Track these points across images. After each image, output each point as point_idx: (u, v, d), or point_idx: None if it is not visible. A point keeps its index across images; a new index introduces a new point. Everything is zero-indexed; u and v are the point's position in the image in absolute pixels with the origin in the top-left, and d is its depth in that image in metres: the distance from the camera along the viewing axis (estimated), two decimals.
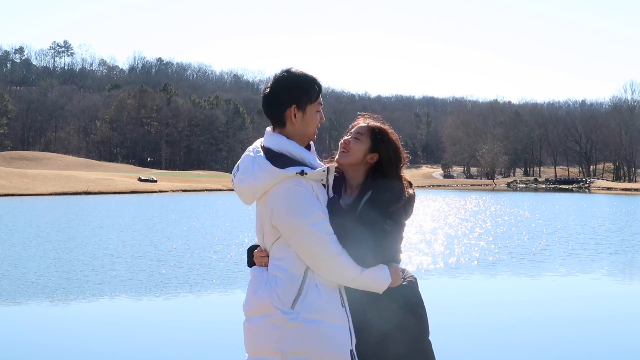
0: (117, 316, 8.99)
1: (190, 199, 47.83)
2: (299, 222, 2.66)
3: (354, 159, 2.95)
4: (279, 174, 2.68)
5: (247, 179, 2.76)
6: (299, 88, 2.82)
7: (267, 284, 2.75)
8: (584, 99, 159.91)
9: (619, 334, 7.97)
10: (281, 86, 2.82)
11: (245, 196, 2.82)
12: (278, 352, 2.67)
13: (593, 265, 14.10)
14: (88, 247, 16.53)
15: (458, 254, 15.53)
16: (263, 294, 2.74)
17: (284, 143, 2.78)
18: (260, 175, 2.71)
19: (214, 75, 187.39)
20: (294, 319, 2.66)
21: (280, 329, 2.67)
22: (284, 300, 2.68)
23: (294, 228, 2.67)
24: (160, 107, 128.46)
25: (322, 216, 2.70)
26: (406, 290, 2.86)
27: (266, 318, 2.72)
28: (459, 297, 10.44)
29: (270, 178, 2.69)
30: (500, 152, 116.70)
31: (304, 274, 2.71)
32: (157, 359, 6.84)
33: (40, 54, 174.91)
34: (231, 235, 19.72)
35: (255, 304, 2.77)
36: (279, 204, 2.69)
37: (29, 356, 6.79)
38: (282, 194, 2.68)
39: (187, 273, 12.35)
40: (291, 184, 2.68)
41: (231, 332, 8.02)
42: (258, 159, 2.75)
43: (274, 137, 2.83)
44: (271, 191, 2.71)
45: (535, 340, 7.43)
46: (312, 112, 2.85)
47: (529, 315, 9.02)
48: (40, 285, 11.11)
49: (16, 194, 49.76)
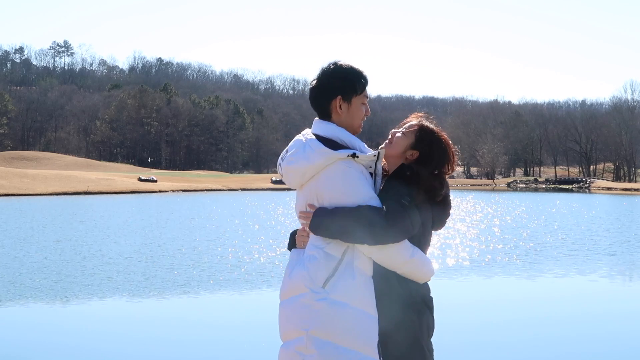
0: (116, 316, 9.00)
1: (190, 199, 47.84)
2: (352, 201, 2.69)
3: (395, 151, 2.97)
4: (331, 154, 2.71)
5: (298, 161, 2.78)
6: (345, 79, 2.86)
7: (301, 263, 2.76)
8: (584, 99, 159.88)
9: (617, 334, 7.99)
10: (327, 78, 2.87)
11: (294, 177, 2.83)
12: (303, 332, 2.67)
13: (591, 265, 14.11)
14: (88, 247, 16.54)
15: (457, 254, 15.54)
16: (297, 274, 2.76)
17: (334, 129, 2.83)
18: (312, 156, 2.74)
19: (214, 75, 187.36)
20: (322, 299, 2.65)
21: (308, 309, 2.67)
22: (316, 280, 2.68)
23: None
24: (160, 107, 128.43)
25: (374, 197, 2.74)
26: (412, 289, 2.84)
27: (298, 299, 2.72)
28: (457, 297, 10.46)
29: (323, 159, 2.72)
30: (500, 152, 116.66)
31: (342, 256, 2.72)
32: (157, 358, 6.85)
33: (40, 54, 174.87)
34: (235, 235, 19.74)
35: (289, 285, 2.78)
36: (333, 185, 2.72)
37: (29, 356, 6.80)
38: (335, 175, 2.72)
39: (186, 273, 12.37)
40: (343, 165, 2.72)
41: (233, 331, 8.03)
42: (310, 142, 2.78)
43: (323, 124, 2.87)
44: (323, 172, 2.74)
45: (533, 340, 7.44)
46: (358, 104, 2.89)
47: (526, 315, 9.03)
48: (39, 284, 11.12)
49: (16, 194, 49.76)
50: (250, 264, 13.64)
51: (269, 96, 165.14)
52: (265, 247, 16.56)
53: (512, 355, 6.98)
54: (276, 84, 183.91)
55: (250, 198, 48.61)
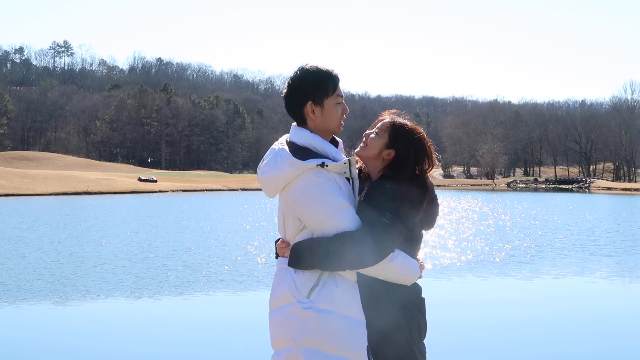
0: (115, 315, 9.00)
1: (190, 199, 47.84)
2: (324, 213, 2.68)
3: (370, 153, 2.90)
4: (300, 165, 2.71)
5: (270, 171, 2.80)
6: (313, 83, 2.82)
7: (288, 273, 2.77)
8: (584, 99, 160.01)
9: (617, 334, 7.99)
10: (296, 84, 2.85)
11: (268, 188, 2.85)
12: (292, 342, 2.68)
13: (590, 265, 14.11)
14: (83, 247, 16.54)
15: (455, 255, 15.53)
16: (284, 284, 2.77)
17: (307, 137, 2.80)
18: (282, 167, 2.75)
19: (213, 75, 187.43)
20: (308, 308, 2.67)
21: (295, 319, 2.69)
22: (302, 290, 2.70)
23: (320, 219, 2.69)
24: (160, 107, 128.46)
25: (347, 205, 2.71)
26: (399, 293, 2.81)
27: (285, 309, 2.73)
28: (455, 297, 10.46)
29: (292, 170, 2.72)
30: (500, 152, 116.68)
31: None
32: (152, 358, 6.84)
33: (40, 54, 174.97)
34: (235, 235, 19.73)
35: (277, 295, 2.79)
36: (302, 196, 2.72)
37: (29, 355, 6.80)
38: (304, 185, 2.71)
39: (187, 273, 12.36)
40: (313, 175, 2.70)
41: (228, 331, 8.03)
42: (280, 152, 2.79)
43: (298, 131, 2.85)
44: (293, 183, 2.74)
45: (532, 341, 7.44)
46: (331, 106, 2.85)
47: (526, 315, 9.03)
48: (37, 284, 11.12)
49: (16, 194, 49.76)
50: (251, 264, 13.63)
51: (269, 96, 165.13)
52: (257, 249, 16.56)
53: (510, 356, 6.97)
54: (276, 84, 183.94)
55: (250, 198, 48.61)
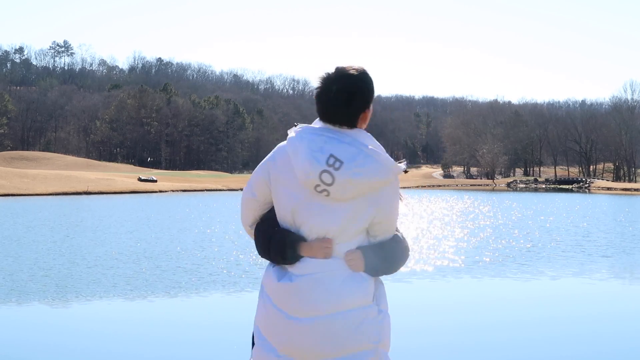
0: (111, 316, 9.01)
1: (190, 199, 47.85)
2: (396, 219, 2.71)
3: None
4: (398, 170, 2.58)
5: (368, 174, 2.53)
6: (373, 84, 2.71)
7: (351, 277, 2.62)
8: (584, 99, 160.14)
9: (616, 334, 7.99)
10: (366, 85, 2.62)
11: (351, 191, 2.55)
12: (372, 345, 2.62)
13: (589, 265, 14.12)
14: (79, 247, 16.55)
15: (454, 255, 15.54)
16: (350, 287, 2.62)
17: (374, 140, 2.64)
18: (384, 171, 2.54)
19: (213, 75, 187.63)
20: (380, 312, 2.67)
21: (372, 322, 2.64)
22: (368, 293, 2.65)
23: (394, 225, 2.71)
24: (160, 107, 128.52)
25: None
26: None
27: (359, 312, 2.62)
28: (456, 297, 10.46)
29: (393, 175, 2.57)
30: (500, 152, 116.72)
31: None
32: (147, 358, 6.85)
33: (40, 54, 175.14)
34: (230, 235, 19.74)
35: (343, 297, 2.60)
36: (391, 201, 2.63)
37: (25, 355, 6.80)
38: (394, 191, 2.64)
39: (182, 273, 12.37)
40: (398, 181, 2.65)
41: (224, 331, 8.04)
42: (376, 154, 2.55)
43: (365, 135, 2.63)
44: (385, 187, 2.59)
45: (531, 341, 7.45)
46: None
47: (525, 315, 9.03)
48: (30, 285, 11.13)
49: (16, 194, 49.78)
50: (251, 264, 13.65)
51: (269, 96, 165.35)
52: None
53: (509, 356, 6.98)
54: (276, 84, 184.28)
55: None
